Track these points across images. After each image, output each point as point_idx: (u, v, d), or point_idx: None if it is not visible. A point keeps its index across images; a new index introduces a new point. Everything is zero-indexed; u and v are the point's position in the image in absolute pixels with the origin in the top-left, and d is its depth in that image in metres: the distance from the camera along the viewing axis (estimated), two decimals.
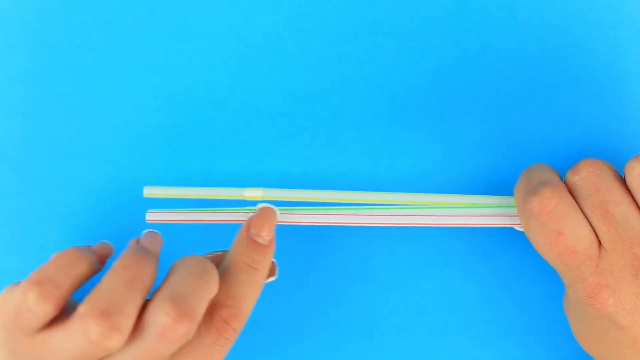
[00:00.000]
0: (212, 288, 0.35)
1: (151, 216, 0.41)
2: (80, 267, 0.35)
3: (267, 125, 0.44)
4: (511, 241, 0.44)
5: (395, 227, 0.42)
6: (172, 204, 0.42)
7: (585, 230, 0.36)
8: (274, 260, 0.40)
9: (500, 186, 0.43)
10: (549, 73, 0.43)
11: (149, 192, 0.42)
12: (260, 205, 0.40)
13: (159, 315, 0.34)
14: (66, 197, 0.43)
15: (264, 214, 0.39)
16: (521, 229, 0.39)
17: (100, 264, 0.37)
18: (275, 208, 0.40)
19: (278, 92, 0.44)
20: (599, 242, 0.37)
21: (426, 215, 0.41)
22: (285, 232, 0.42)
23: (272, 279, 0.40)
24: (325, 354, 0.44)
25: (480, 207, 0.41)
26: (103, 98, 0.44)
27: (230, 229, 0.41)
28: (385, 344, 0.44)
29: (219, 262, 0.39)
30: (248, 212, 0.41)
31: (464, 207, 0.41)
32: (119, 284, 0.34)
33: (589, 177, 0.37)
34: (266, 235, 0.39)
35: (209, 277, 0.36)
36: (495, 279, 0.44)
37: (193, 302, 0.34)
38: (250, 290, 0.37)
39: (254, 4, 0.44)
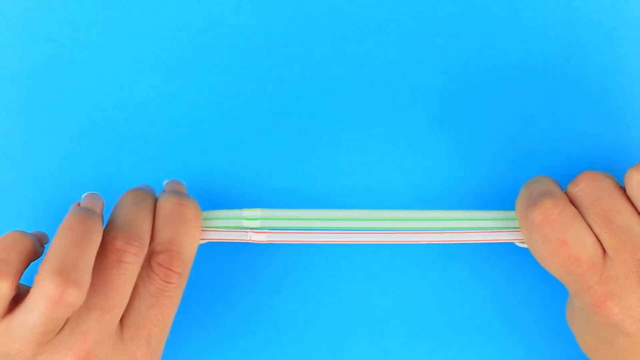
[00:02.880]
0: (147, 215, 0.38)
1: None
2: (25, 245, 0.36)
3: (269, 125, 0.44)
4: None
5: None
6: None
7: (589, 239, 0.36)
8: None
9: (499, 197, 0.44)
10: (552, 78, 0.43)
11: None
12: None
13: (112, 244, 0.36)
14: (67, 197, 0.43)
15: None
16: (523, 245, 0.39)
17: (41, 247, 0.37)
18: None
19: (280, 92, 0.44)
20: (603, 250, 0.37)
21: (425, 232, 0.40)
22: None
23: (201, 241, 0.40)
24: (325, 353, 0.44)
25: (480, 220, 0.40)
26: (104, 97, 0.44)
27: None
28: (385, 344, 0.44)
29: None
30: (247, 232, 0.40)
31: (463, 220, 0.40)
32: (68, 244, 0.34)
33: (589, 187, 0.37)
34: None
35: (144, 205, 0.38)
36: (496, 278, 0.44)
37: (139, 228, 0.37)
38: (184, 229, 0.38)
39: (256, 4, 0.44)
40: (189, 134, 0.44)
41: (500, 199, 0.43)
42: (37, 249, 0.37)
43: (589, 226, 0.37)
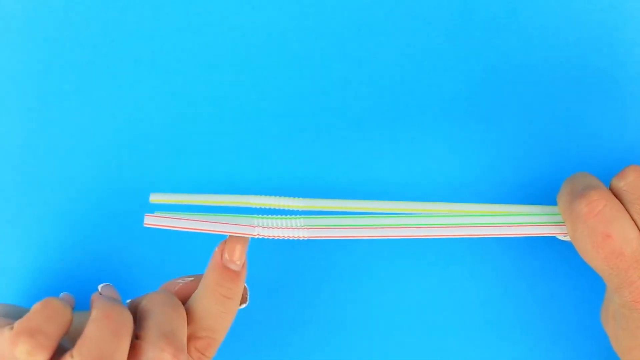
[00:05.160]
0: (185, 320, 0.37)
1: (150, 220, 0.39)
2: (65, 316, 0.35)
3: (269, 125, 0.44)
4: (511, 241, 0.44)
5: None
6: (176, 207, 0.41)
7: (634, 233, 0.36)
8: (245, 286, 0.40)
9: (499, 197, 0.43)
10: (551, 78, 0.43)
11: (155, 198, 0.40)
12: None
13: (158, 353, 0.35)
14: (67, 197, 0.43)
15: (236, 239, 0.39)
16: (565, 238, 0.39)
17: None
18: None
19: (280, 92, 0.44)
20: None
21: (466, 227, 0.39)
22: None
23: (243, 305, 0.40)
24: (325, 353, 0.44)
25: (522, 215, 0.40)
26: (106, 98, 0.44)
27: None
28: (385, 344, 0.44)
29: (191, 289, 0.39)
30: (255, 227, 0.39)
31: (504, 215, 0.40)
32: (106, 333, 0.34)
33: (636, 182, 0.37)
34: (238, 260, 0.39)
35: (182, 310, 0.37)
36: (496, 278, 0.44)
37: (180, 335, 0.36)
38: (225, 320, 0.39)
39: (257, 4, 0.44)
40: (189, 134, 0.44)
41: (501, 199, 0.43)
42: (72, 321, 0.36)
43: (634, 221, 0.36)
